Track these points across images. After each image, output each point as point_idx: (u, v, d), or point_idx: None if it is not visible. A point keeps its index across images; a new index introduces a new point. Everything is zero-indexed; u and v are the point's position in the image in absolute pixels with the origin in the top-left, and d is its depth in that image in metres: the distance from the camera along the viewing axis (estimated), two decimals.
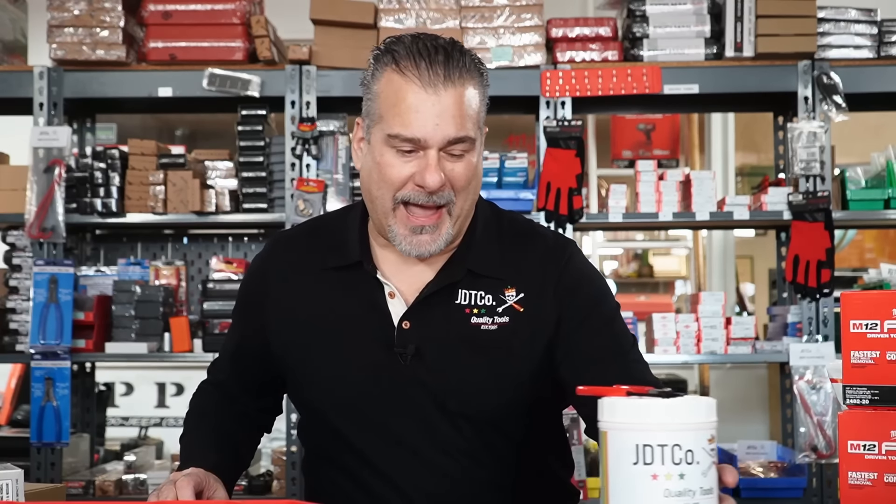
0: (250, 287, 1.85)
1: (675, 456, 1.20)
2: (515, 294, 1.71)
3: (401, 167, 1.63)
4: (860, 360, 1.37)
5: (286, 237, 1.86)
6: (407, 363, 1.68)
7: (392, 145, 1.63)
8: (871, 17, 3.77)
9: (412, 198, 1.64)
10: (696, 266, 6.45)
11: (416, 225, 1.65)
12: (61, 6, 3.79)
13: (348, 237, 1.76)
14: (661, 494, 1.20)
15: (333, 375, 1.71)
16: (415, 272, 1.73)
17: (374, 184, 1.66)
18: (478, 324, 1.69)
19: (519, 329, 1.70)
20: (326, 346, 1.72)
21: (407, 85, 1.62)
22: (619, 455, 1.22)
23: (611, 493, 1.23)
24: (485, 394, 1.68)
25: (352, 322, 1.71)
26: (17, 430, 4.31)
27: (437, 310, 1.70)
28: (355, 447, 1.72)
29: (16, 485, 1.58)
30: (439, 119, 1.61)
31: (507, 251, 1.74)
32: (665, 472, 1.20)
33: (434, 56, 1.62)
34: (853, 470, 1.35)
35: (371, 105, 1.68)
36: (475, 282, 1.71)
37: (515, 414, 1.73)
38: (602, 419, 1.25)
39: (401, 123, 1.62)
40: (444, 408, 1.69)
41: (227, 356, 1.89)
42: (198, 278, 4.05)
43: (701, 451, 1.22)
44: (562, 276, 1.74)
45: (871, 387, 1.36)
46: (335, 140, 3.76)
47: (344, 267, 1.74)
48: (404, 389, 1.68)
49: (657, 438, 1.20)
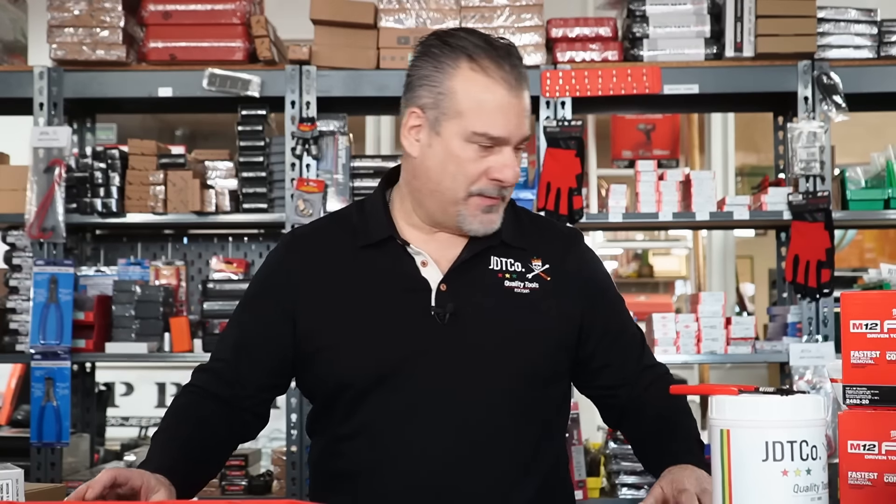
0: (272, 273, 1.88)
1: (803, 452, 1.23)
2: (541, 264, 1.84)
3: (480, 162, 1.74)
4: (860, 360, 1.37)
5: (304, 229, 1.93)
6: (445, 322, 1.76)
7: (474, 141, 1.73)
8: (871, 17, 3.77)
9: (487, 191, 1.76)
10: (696, 266, 6.45)
11: (487, 206, 1.77)
12: (61, 6, 3.79)
13: (373, 218, 1.85)
14: (790, 490, 1.22)
15: (371, 342, 1.76)
16: (443, 245, 1.83)
17: (449, 175, 1.76)
18: (511, 287, 1.81)
19: (547, 295, 1.82)
20: (363, 316, 1.78)
21: (493, 85, 1.73)
22: (746, 452, 1.24)
23: (735, 490, 1.24)
24: (520, 352, 1.78)
25: (387, 291, 1.79)
26: (18, 430, 4.31)
27: (471, 274, 1.80)
28: (382, 416, 1.75)
29: (16, 485, 1.58)
30: (518, 119, 1.75)
31: (526, 230, 1.88)
32: (794, 468, 1.23)
33: (509, 58, 1.75)
34: (853, 470, 1.35)
35: (444, 100, 1.75)
36: (505, 251, 1.84)
37: (545, 378, 1.82)
38: (723, 417, 1.26)
39: (489, 123, 1.73)
40: (480, 367, 1.75)
41: (231, 345, 1.87)
42: (198, 278, 4.04)
43: (822, 446, 1.26)
44: (579, 259, 1.89)
45: (871, 387, 1.36)
46: (335, 140, 3.76)
47: (374, 244, 1.82)
48: (442, 350, 1.75)
49: (787, 435, 1.23)
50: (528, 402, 1.79)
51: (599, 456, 3.81)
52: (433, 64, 1.76)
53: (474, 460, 1.74)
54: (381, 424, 1.75)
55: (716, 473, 1.29)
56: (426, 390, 1.74)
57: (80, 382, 4.05)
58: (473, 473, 1.74)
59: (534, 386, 1.80)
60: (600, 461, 3.80)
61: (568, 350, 1.85)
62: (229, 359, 1.86)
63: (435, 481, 1.73)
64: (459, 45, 1.75)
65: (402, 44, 3.77)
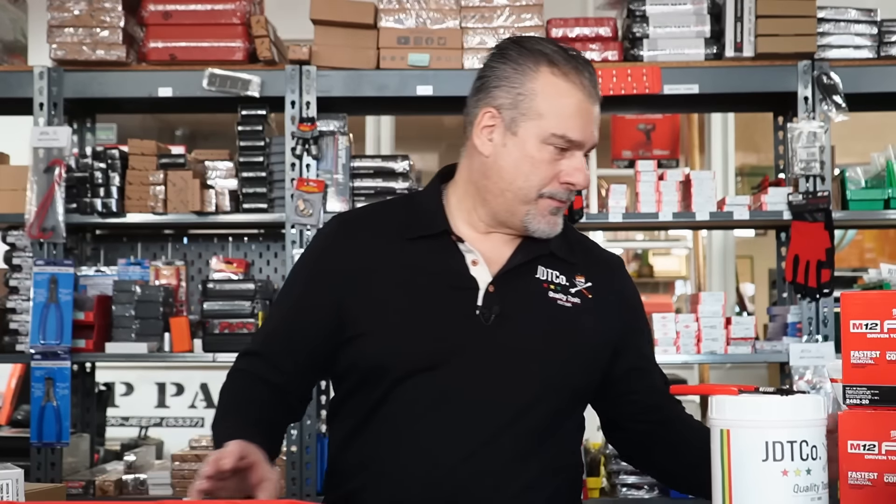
0: (320, 257, 1.89)
1: (803, 452, 1.23)
2: (584, 281, 1.88)
3: (554, 165, 1.79)
4: (860, 360, 1.37)
5: (353, 214, 1.99)
6: (488, 323, 1.78)
7: (551, 143, 1.78)
8: (871, 17, 3.77)
9: (558, 194, 1.81)
10: (696, 266, 6.45)
11: (555, 207, 1.82)
12: (61, 6, 3.79)
13: (428, 211, 1.88)
14: (790, 490, 1.23)
15: (412, 333, 1.78)
16: (494, 246, 1.86)
17: (522, 175, 1.80)
18: (554, 299, 1.84)
19: (589, 312, 1.85)
20: (408, 307, 1.79)
21: (576, 92, 1.78)
22: (746, 452, 1.24)
23: (735, 490, 1.24)
24: (556, 362, 1.80)
25: (434, 284, 1.81)
26: (17, 430, 4.31)
27: (519, 280, 1.83)
28: (410, 407, 1.76)
29: (16, 485, 1.58)
30: (593, 127, 1.81)
31: (573, 247, 1.92)
32: (794, 468, 1.23)
33: (587, 67, 1.81)
34: (853, 470, 1.35)
35: (524, 101, 1.79)
36: (552, 262, 1.87)
37: (575, 390, 1.84)
38: (723, 417, 1.26)
39: (569, 127, 1.77)
40: (516, 371, 1.77)
41: (278, 329, 1.88)
42: (198, 278, 4.04)
43: (821, 446, 1.26)
44: (621, 285, 1.95)
45: (871, 387, 1.36)
46: (335, 140, 3.76)
47: (427, 236, 1.85)
48: (480, 349, 1.77)
49: (787, 435, 1.23)
50: (555, 412, 1.81)
51: (599, 456, 3.82)
52: (512, 66, 1.80)
53: (493, 463, 1.75)
54: (408, 415, 1.76)
55: (716, 473, 1.30)
56: (458, 387, 1.76)
57: (80, 382, 4.05)
58: (489, 475, 1.75)
59: (563, 396, 1.82)
60: (600, 461, 3.80)
61: (600, 370, 1.88)
62: (277, 343, 1.87)
63: (450, 479, 1.74)
64: (538, 49, 1.80)
65: (402, 44, 3.77)
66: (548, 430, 1.80)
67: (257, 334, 1.96)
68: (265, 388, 1.85)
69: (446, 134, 8.46)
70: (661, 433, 1.89)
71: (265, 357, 1.86)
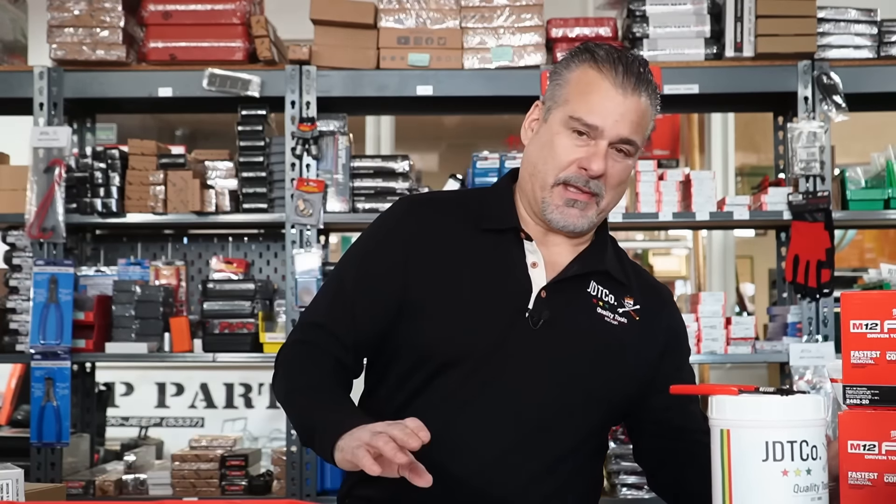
0: (389, 233, 1.88)
1: (803, 452, 1.23)
2: (633, 304, 1.89)
3: (571, 150, 1.79)
4: (860, 360, 1.37)
5: (424, 197, 1.97)
6: (536, 328, 1.79)
7: (570, 126, 1.79)
8: (871, 17, 3.77)
9: (573, 179, 1.80)
10: (696, 266, 6.45)
11: (570, 198, 1.81)
12: (61, 6, 3.79)
13: (500, 206, 1.90)
14: (790, 490, 1.23)
15: (463, 324, 1.79)
16: (555, 252, 1.87)
17: (542, 160, 1.82)
18: (602, 315, 1.85)
19: (634, 334, 1.86)
20: (463, 297, 1.80)
21: (601, 79, 1.80)
22: (746, 452, 1.24)
23: (735, 490, 1.24)
24: (596, 376, 1.81)
25: (493, 280, 1.82)
26: (17, 430, 4.32)
27: (571, 290, 1.84)
28: (445, 399, 1.76)
29: (16, 485, 1.58)
30: (620, 117, 1.79)
31: (627, 271, 1.93)
32: (794, 468, 1.23)
33: (631, 65, 1.82)
34: (853, 470, 1.35)
35: (559, 90, 1.83)
36: (605, 281, 1.88)
37: (610, 405, 1.86)
38: (723, 417, 1.26)
39: (586, 109, 1.78)
40: (555, 378, 1.79)
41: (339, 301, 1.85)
42: (198, 278, 4.04)
43: (822, 446, 1.26)
44: (670, 316, 1.95)
45: (871, 387, 1.36)
46: (335, 140, 3.76)
47: (497, 230, 1.86)
48: (525, 352, 1.78)
49: (787, 435, 1.23)
50: (587, 424, 1.83)
51: None
52: (565, 63, 1.86)
53: (516, 465, 1.76)
54: (444, 407, 1.76)
55: (716, 473, 1.29)
56: (497, 385, 1.77)
57: (80, 382, 4.05)
58: (516, 477, 1.76)
59: (598, 410, 1.84)
60: None
61: (637, 390, 1.88)
62: (340, 314, 1.84)
63: (474, 476, 1.75)
64: (593, 50, 1.83)
65: (402, 44, 3.77)
66: (577, 441, 1.81)
67: (313, 305, 1.91)
68: (333, 361, 1.81)
69: (446, 134, 8.46)
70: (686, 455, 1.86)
71: (327, 329, 1.83)
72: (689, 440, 1.87)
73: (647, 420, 1.93)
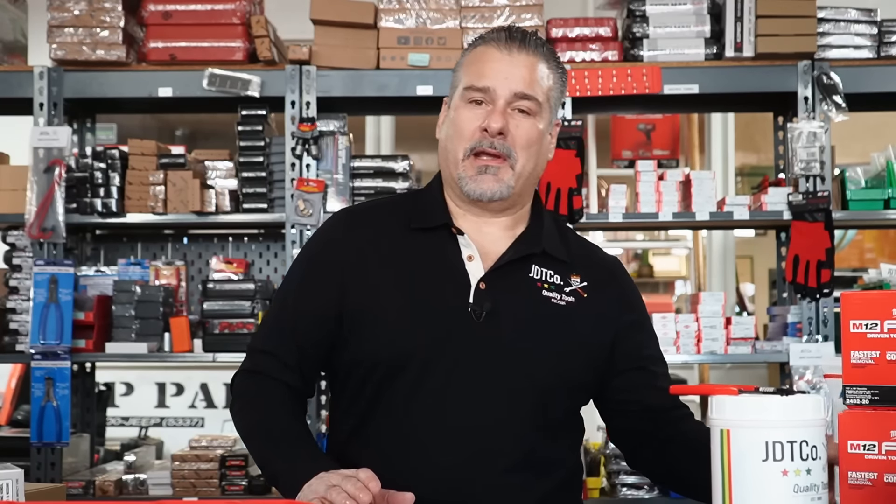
0: (323, 250, 1.89)
1: (803, 452, 1.23)
2: (580, 281, 1.87)
3: (472, 119, 1.81)
4: (860, 360, 1.37)
5: (358, 207, 1.99)
6: (479, 320, 1.78)
7: (466, 98, 1.83)
8: (871, 17, 3.77)
9: (478, 144, 1.81)
10: (696, 266, 6.45)
11: (481, 165, 1.81)
12: (61, 6, 3.79)
13: (431, 203, 1.90)
14: (790, 490, 1.23)
15: (405, 328, 1.78)
16: (491, 241, 1.86)
17: (450, 139, 1.85)
18: (548, 297, 1.84)
19: (583, 312, 1.84)
20: (402, 300, 1.80)
21: (487, 48, 1.84)
22: (746, 452, 1.24)
23: (735, 490, 1.24)
24: (548, 361, 1.79)
25: (430, 279, 1.82)
26: (17, 430, 4.32)
27: (511, 277, 1.83)
28: (402, 402, 1.76)
29: (16, 485, 1.58)
30: (509, 74, 1.81)
31: (570, 246, 1.92)
32: (794, 468, 1.24)
33: (515, 30, 1.85)
34: (853, 470, 1.35)
35: (455, 76, 1.89)
36: (546, 261, 1.86)
37: (568, 389, 1.83)
38: (723, 417, 1.26)
39: (477, 76, 1.82)
40: (506, 369, 1.77)
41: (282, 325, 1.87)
42: (198, 278, 4.04)
43: (821, 446, 1.26)
44: (620, 288, 1.93)
45: (871, 387, 1.36)
46: (335, 140, 3.76)
47: (428, 229, 1.86)
48: (473, 347, 1.77)
49: (787, 435, 1.23)
50: (547, 411, 1.80)
51: (599, 456, 3.82)
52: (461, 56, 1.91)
53: (484, 461, 1.74)
54: (402, 413, 1.76)
55: (716, 473, 1.30)
56: (450, 383, 1.76)
57: (80, 382, 4.05)
58: (481, 473, 1.74)
59: (556, 395, 1.81)
60: (600, 461, 3.80)
61: (595, 369, 1.86)
62: (283, 337, 1.86)
63: (444, 476, 1.74)
64: (484, 35, 1.88)
65: (402, 44, 3.77)
66: (541, 429, 1.79)
67: (261, 329, 1.94)
68: (284, 390, 1.85)
69: None
70: (664, 434, 1.86)
71: (273, 354, 1.86)
72: (662, 420, 1.86)
73: (614, 401, 1.91)
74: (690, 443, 1.79)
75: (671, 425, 1.86)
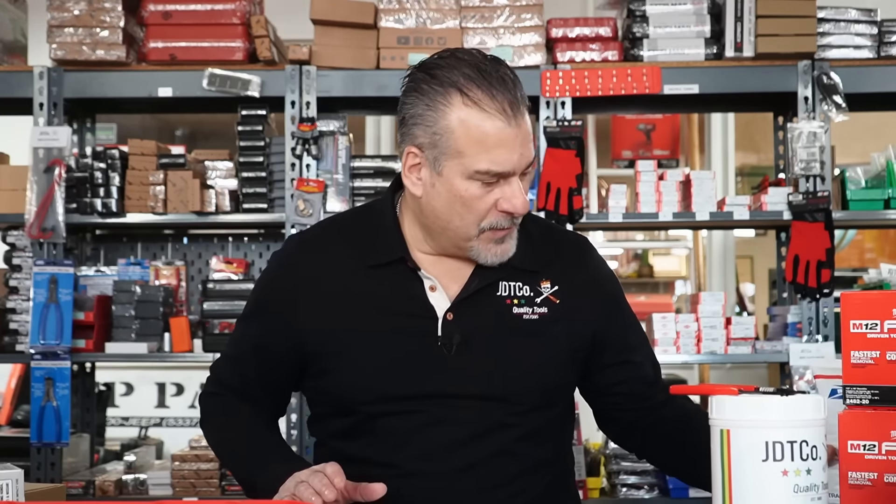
0: (276, 286, 1.82)
1: (803, 452, 1.23)
2: (550, 286, 1.80)
3: (486, 198, 1.68)
4: (860, 360, 1.37)
5: (311, 236, 1.87)
6: (451, 353, 1.72)
7: (478, 179, 1.66)
8: (871, 17, 3.77)
9: (497, 224, 1.70)
10: (696, 266, 6.45)
11: (498, 238, 1.72)
12: (61, 6, 3.79)
13: (384, 235, 1.79)
14: (790, 490, 1.23)
15: (375, 372, 1.73)
16: (452, 267, 1.78)
17: (457, 215, 1.70)
18: (520, 314, 1.77)
19: (557, 319, 1.78)
20: (368, 343, 1.74)
21: (491, 121, 1.64)
22: (746, 452, 1.25)
23: (735, 490, 1.24)
24: (529, 379, 1.75)
25: (393, 317, 1.75)
26: (17, 430, 4.32)
27: (479, 302, 1.76)
28: (383, 443, 1.73)
29: (16, 485, 1.58)
30: (522, 148, 1.67)
31: (536, 247, 1.82)
32: (794, 468, 1.24)
33: (502, 85, 1.65)
34: (853, 470, 1.35)
35: (441, 139, 1.66)
36: (513, 274, 1.78)
37: (551, 402, 1.80)
38: (723, 417, 1.26)
39: (491, 161, 1.65)
40: (486, 398, 1.73)
41: (239, 356, 1.86)
42: (198, 278, 4.04)
43: (822, 446, 1.26)
44: (590, 273, 1.86)
45: (871, 387, 1.36)
46: (335, 140, 3.76)
47: (383, 264, 1.77)
48: (447, 380, 1.72)
49: (787, 435, 1.23)
50: (533, 428, 1.77)
51: (599, 456, 3.82)
52: (425, 102, 1.67)
53: (468, 483, 1.72)
54: (382, 448, 1.73)
55: (715, 473, 1.30)
56: (430, 420, 1.72)
57: (80, 382, 4.05)
58: (467, 496, 1.72)
59: (536, 407, 1.77)
60: (600, 461, 3.80)
61: (576, 370, 1.84)
62: (243, 371, 1.85)
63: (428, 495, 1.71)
64: (448, 79, 1.65)
65: (402, 44, 3.77)
66: (523, 439, 1.75)
67: (222, 356, 1.91)
68: (249, 407, 1.85)
69: None
70: (652, 423, 1.85)
71: (232, 384, 1.86)
72: (645, 408, 1.85)
73: (596, 391, 1.89)
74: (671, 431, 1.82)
75: (655, 412, 1.86)
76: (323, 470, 1.59)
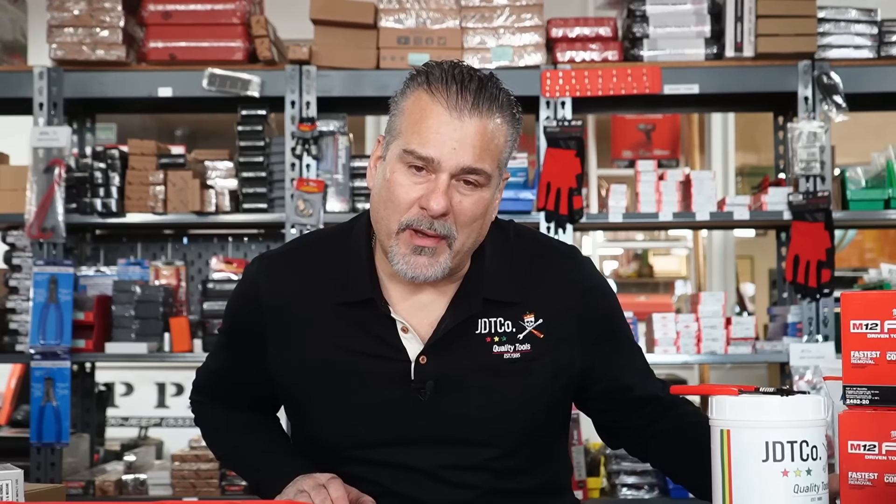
0: (242, 313, 1.75)
1: (803, 452, 1.23)
2: (534, 320, 1.68)
3: (410, 188, 1.58)
4: (860, 361, 1.37)
5: (279, 260, 1.76)
6: (426, 399, 1.63)
7: (405, 161, 1.58)
8: (872, 17, 3.77)
9: (415, 222, 1.58)
10: (696, 266, 6.45)
11: (416, 245, 1.59)
12: (61, 6, 3.79)
13: (354, 268, 1.68)
14: (790, 490, 1.23)
15: (347, 417, 1.66)
16: (426, 303, 1.67)
17: (383, 203, 1.61)
18: (500, 353, 1.66)
19: (540, 355, 1.68)
20: (338, 386, 1.66)
21: (433, 105, 1.57)
22: (746, 453, 1.25)
23: (735, 490, 1.24)
24: (510, 420, 1.66)
25: (364, 360, 1.65)
26: (17, 430, 4.32)
27: (456, 342, 1.65)
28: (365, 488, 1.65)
29: (16, 485, 1.58)
30: (457, 144, 1.56)
31: (519, 272, 1.71)
32: (794, 468, 1.24)
33: (467, 83, 1.59)
34: (853, 470, 1.35)
35: (395, 120, 1.63)
36: (493, 309, 1.67)
37: (538, 435, 1.71)
38: (723, 417, 1.26)
39: (419, 140, 1.57)
40: (467, 439, 1.66)
41: (216, 377, 1.85)
42: (198, 278, 4.04)
43: (822, 446, 1.27)
44: (579, 293, 1.73)
45: (871, 387, 1.36)
46: (335, 140, 3.76)
47: (353, 303, 1.67)
48: (424, 426, 1.64)
49: (787, 435, 1.23)
50: (522, 462, 1.69)
51: (599, 456, 3.82)
52: (402, 89, 1.64)
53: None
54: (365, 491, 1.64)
55: (716, 473, 1.29)
56: (407, 468, 1.65)
57: (79, 382, 4.05)
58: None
59: (521, 447, 1.69)
60: (600, 461, 3.80)
61: (566, 399, 1.76)
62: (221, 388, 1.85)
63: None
64: (428, 71, 1.62)
65: (402, 44, 3.77)
66: (512, 473, 1.68)
67: (203, 367, 1.88)
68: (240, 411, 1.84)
69: None
70: (652, 435, 1.79)
71: (218, 397, 1.86)
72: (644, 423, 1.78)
73: (597, 413, 1.82)
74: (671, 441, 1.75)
75: (652, 425, 1.78)
76: (326, 486, 1.55)
